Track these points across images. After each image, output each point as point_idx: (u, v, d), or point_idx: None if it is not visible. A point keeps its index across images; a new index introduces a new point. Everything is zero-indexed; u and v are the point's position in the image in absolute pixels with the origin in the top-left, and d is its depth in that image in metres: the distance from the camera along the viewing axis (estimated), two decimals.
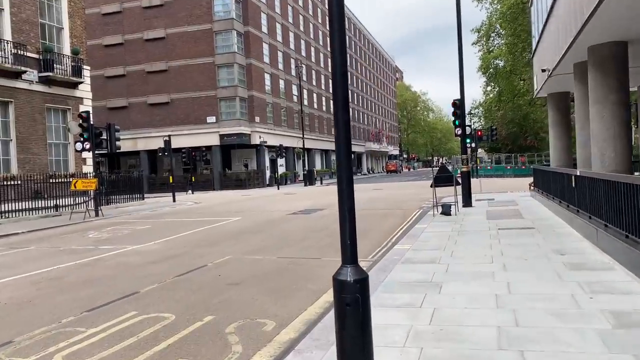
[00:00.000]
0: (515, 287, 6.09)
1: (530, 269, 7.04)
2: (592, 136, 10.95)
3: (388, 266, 7.83)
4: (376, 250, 9.91)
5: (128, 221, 18.24)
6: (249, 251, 10.45)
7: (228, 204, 24.86)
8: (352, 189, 2.88)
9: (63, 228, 16.92)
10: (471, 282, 6.46)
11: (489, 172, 47.72)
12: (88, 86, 25.86)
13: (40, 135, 22.99)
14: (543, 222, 11.73)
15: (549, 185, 14.35)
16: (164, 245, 11.97)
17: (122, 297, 6.96)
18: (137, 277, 8.35)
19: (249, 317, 5.79)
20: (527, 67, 39.30)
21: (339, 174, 2.83)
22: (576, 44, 10.79)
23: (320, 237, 12.17)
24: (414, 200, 20.92)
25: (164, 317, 5.95)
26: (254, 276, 7.98)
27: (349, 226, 2.93)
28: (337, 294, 3.09)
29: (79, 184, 19.38)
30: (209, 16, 46.16)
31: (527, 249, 8.56)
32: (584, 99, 12.12)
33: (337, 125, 2.95)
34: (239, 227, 14.80)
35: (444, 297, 5.85)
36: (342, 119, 2.89)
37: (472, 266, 7.44)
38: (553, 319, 4.83)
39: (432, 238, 10.36)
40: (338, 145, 2.89)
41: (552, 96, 17.80)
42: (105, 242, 12.81)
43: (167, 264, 9.42)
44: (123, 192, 27.15)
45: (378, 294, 6.15)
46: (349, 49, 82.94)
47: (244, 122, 46.22)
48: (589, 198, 9.07)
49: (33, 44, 22.70)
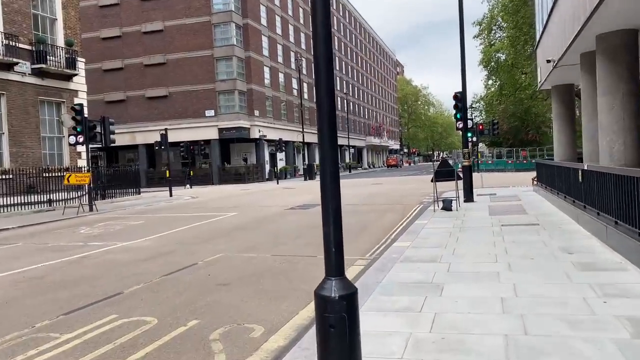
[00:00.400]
0: (522, 289, 5.68)
1: (537, 269, 6.63)
2: (600, 128, 10.51)
3: (386, 265, 7.43)
4: (374, 247, 9.52)
5: (122, 216, 17.85)
6: (243, 248, 10.05)
7: (225, 199, 24.46)
8: (337, 186, 2.42)
9: (55, 223, 16.52)
10: (474, 284, 6.06)
11: (490, 167, 47.25)
12: (83, 78, 25.38)
13: (34, 128, 22.54)
14: (548, 218, 11.31)
15: (553, 179, 13.94)
16: (155, 241, 11.57)
17: (103, 299, 6.56)
18: (123, 276, 7.95)
19: (237, 322, 5.39)
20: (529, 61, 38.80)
21: (323, 167, 2.37)
22: (584, 32, 10.34)
23: (317, 233, 11.75)
24: (415, 195, 20.50)
25: (145, 321, 5.55)
26: (245, 276, 7.58)
27: (333, 231, 2.47)
28: (319, 313, 2.61)
29: (72, 178, 18.97)
30: (208, 8, 45.61)
31: (532, 246, 8.15)
32: (591, 90, 11.68)
33: (320, 112, 2.51)
34: (235, 223, 14.40)
35: (446, 301, 5.44)
36: (327, 105, 2.45)
37: (475, 265, 7.03)
38: (565, 327, 4.42)
39: (432, 235, 9.95)
40: (321, 135, 2.45)
41: (557, 88, 17.34)
42: (96, 239, 12.41)
43: (156, 262, 9.02)
44: (119, 187, 26.73)
45: (375, 296, 5.75)
46: (349, 43, 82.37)
47: (243, 116, 45.76)
48: (597, 193, 8.66)
49: (25, 35, 22.21)
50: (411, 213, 14.60)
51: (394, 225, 12.32)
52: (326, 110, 2.40)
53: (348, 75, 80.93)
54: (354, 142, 75.89)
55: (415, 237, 9.84)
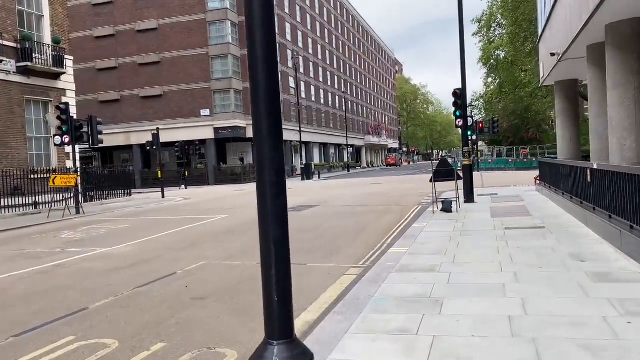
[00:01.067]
0: (532, 306, 5.01)
1: (547, 280, 5.96)
2: (610, 125, 9.84)
3: (381, 275, 6.76)
4: (369, 253, 8.84)
5: (109, 219, 17.16)
6: (228, 255, 9.38)
7: (218, 200, 23.78)
8: (283, 205, 1.70)
9: (38, 227, 15.84)
10: (477, 298, 5.39)
11: (490, 166, 46.62)
12: (71, 77, 24.66)
13: (19, 128, 21.83)
14: (554, 221, 10.65)
15: (557, 179, 13.29)
16: (138, 247, 10.90)
17: (65, 316, 5.89)
18: (93, 288, 7.27)
19: (207, 345, 4.72)
20: (529, 58, 38.15)
21: (260, 177, 1.64)
22: (592, 22, 9.68)
23: (308, 238, 11.11)
24: (413, 195, 19.83)
25: (105, 344, 4.88)
26: (225, 288, 6.91)
27: (277, 273, 1.70)
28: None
29: (58, 179, 18.29)
30: (203, 6, 44.91)
31: (540, 253, 7.48)
32: (600, 84, 11.01)
33: (255, 90, 1.77)
34: (224, 226, 13.73)
35: (446, 320, 4.77)
36: (265, 81, 1.74)
37: (478, 276, 6.37)
38: (586, 355, 3.76)
39: (431, 239, 9.28)
40: (257, 121, 1.71)
41: (560, 84, 16.68)
42: (76, 244, 11.73)
43: (133, 270, 8.35)
44: (111, 188, 26.04)
45: (366, 315, 5.08)
46: (347, 41, 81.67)
47: (239, 115, 45.08)
48: (608, 194, 8.00)
49: (10, 32, 21.48)
50: (409, 215, 13.94)
51: (391, 228, 11.66)
52: (264, 91, 1.70)
53: (346, 74, 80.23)
54: (352, 141, 75.20)
55: (413, 242, 9.17)
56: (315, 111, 64.84)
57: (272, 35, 1.71)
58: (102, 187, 25.35)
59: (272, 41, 1.65)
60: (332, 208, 17.18)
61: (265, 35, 1.65)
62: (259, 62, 1.65)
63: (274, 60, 1.64)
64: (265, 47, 1.62)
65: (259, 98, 1.67)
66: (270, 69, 1.68)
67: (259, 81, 1.67)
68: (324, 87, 68.97)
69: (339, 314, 5.19)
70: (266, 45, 1.61)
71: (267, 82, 1.65)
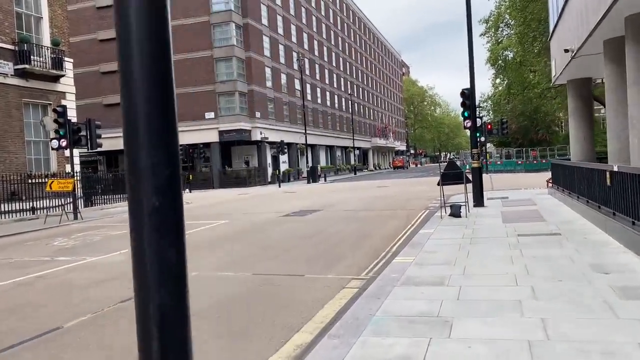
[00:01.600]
0: (553, 329, 4.39)
1: (569, 296, 5.34)
2: (631, 124, 9.19)
3: (384, 289, 6.17)
4: (372, 263, 8.25)
5: (106, 225, 16.67)
6: (222, 265, 8.81)
7: (220, 205, 23.26)
8: (180, 236, 1.09)
9: (32, 234, 15.36)
10: (491, 318, 4.79)
11: (498, 168, 45.85)
12: (71, 79, 24.21)
13: (17, 132, 21.40)
14: (570, 227, 10.00)
15: (572, 182, 12.63)
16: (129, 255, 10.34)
17: (33, 338, 5.33)
18: (72, 303, 6.73)
19: None
20: (538, 58, 37.37)
21: (133, 197, 1.03)
22: (610, 15, 9.04)
23: (310, 244, 10.55)
24: (421, 198, 19.18)
25: None
26: (214, 304, 6.33)
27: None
28: None
29: (55, 184, 17.81)
30: (207, 8, 44.53)
31: (557, 264, 6.86)
32: (618, 81, 10.36)
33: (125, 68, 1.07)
34: (221, 233, 13.17)
35: (456, 346, 4.17)
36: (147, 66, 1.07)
37: (491, 290, 5.76)
38: None
39: (439, 248, 8.67)
40: (126, 107, 1.03)
41: (573, 82, 16.00)
42: (67, 252, 11.22)
43: (120, 282, 7.79)
44: (112, 192, 25.60)
45: (365, 339, 4.48)
46: (353, 43, 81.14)
47: (244, 118, 44.60)
48: (631, 198, 7.37)
49: (8, 34, 21.07)
50: (416, 220, 13.31)
51: (397, 234, 11.04)
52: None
53: (352, 76, 79.65)
54: (359, 143, 74.55)
55: (420, 250, 8.57)
56: (321, 113, 64.28)
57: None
58: (105, 192, 24.91)
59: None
60: (336, 212, 16.59)
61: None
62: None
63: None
64: None
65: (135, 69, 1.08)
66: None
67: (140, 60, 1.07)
68: (330, 89, 68.42)
69: (335, 337, 4.61)
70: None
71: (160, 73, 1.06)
